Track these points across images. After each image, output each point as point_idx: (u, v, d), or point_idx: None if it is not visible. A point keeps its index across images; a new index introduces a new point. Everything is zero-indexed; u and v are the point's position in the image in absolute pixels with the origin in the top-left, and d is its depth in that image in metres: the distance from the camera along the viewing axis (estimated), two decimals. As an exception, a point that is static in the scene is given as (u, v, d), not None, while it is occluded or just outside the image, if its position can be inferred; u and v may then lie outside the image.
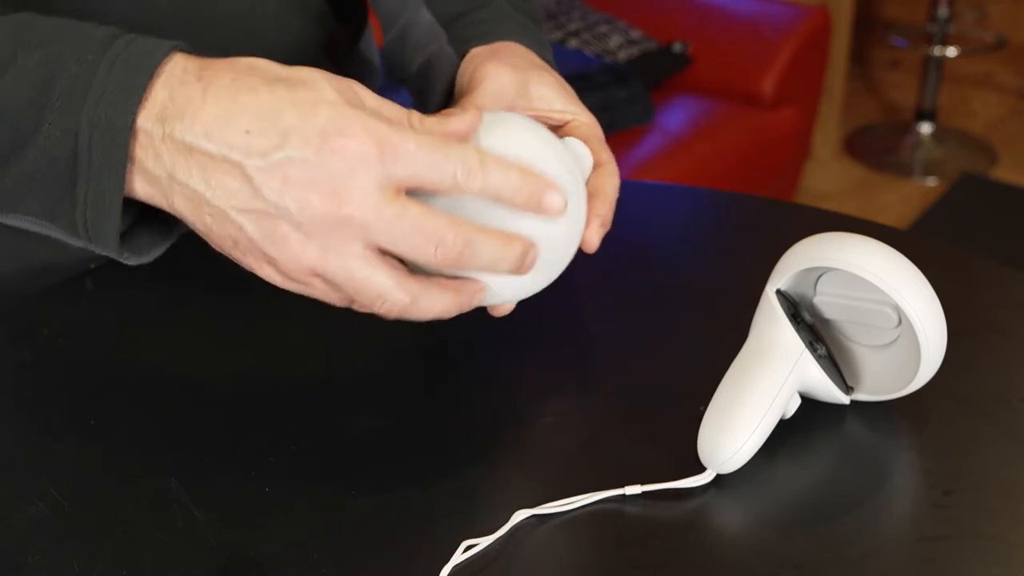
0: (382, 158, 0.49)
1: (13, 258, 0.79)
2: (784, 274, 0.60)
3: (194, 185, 0.51)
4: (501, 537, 0.53)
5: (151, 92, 0.51)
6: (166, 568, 0.53)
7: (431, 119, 0.54)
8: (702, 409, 0.59)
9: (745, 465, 0.57)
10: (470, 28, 0.72)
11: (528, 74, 0.66)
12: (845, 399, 0.61)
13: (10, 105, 0.52)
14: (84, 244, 0.54)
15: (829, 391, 0.60)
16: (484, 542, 0.53)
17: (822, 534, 0.54)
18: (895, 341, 0.60)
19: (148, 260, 0.56)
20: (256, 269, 0.53)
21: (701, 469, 0.57)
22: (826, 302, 0.61)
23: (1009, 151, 2.96)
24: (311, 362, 0.67)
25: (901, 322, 0.59)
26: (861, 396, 0.62)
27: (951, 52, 2.99)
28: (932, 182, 2.85)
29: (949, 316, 0.58)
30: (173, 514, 0.55)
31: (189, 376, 0.66)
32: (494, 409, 0.63)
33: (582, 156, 0.60)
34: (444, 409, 0.63)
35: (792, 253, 0.60)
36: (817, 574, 0.52)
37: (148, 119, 0.51)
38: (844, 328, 0.62)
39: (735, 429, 0.57)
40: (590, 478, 0.57)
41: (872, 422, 0.61)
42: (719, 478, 0.57)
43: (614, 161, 0.64)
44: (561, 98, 0.65)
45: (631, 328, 0.70)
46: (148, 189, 0.52)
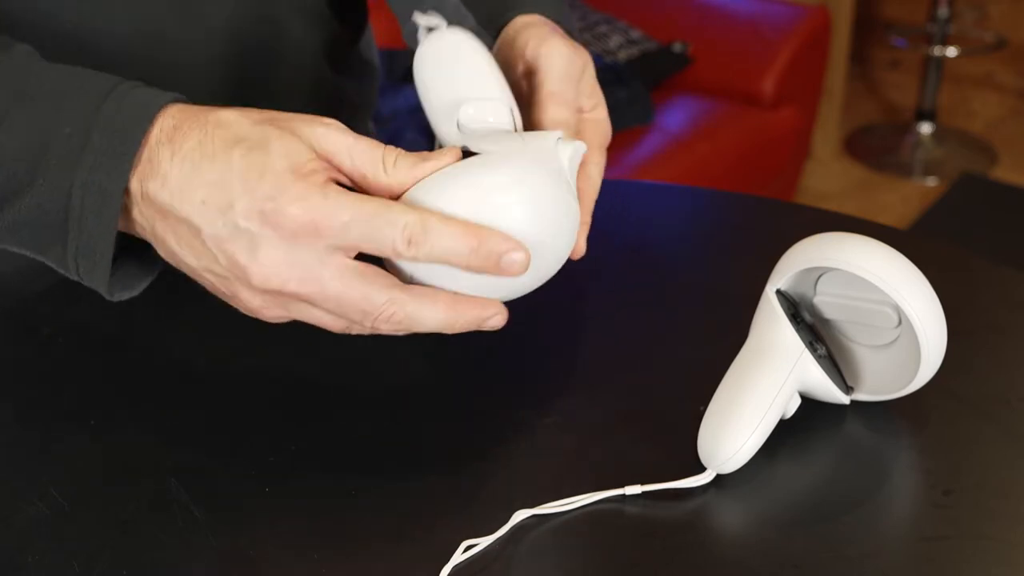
0: (318, 233, 0.51)
1: (13, 258, 0.79)
2: (784, 274, 0.60)
3: (169, 243, 0.54)
4: (501, 537, 0.53)
5: (139, 154, 0.53)
6: (166, 568, 0.53)
7: (407, 160, 0.53)
8: (702, 409, 0.59)
9: (745, 465, 0.57)
10: None
11: (585, 58, 0.65)
12: (845, 399, 0.61)
13: (4, 157, 0.53)
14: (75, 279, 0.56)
15: (829, 391, 0.60)
16: (484, 542, 0.53)
17: (822, 534, 0.54)
18: (895, 341, 0.60)
19: (136, 293, 0.58)
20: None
21: (701, 469, 0.57)
22: (826, 302, 0.61)
23: (1009, 151, 2.96)
24: (311, 362, 0.67)
25: (901, 322, 0.59)
26: (861, 396, 0.62)
27: (951, 52, 2.99)
28: (932, 182, 2.85)
29: (949, 316, 0.58)
30: (173, 514, 0.55)
31: (189, 376, 0.66)
32: (494, 409, 0.63)
33: (575, 154, 0.57)
34: (444, 409, 0.63)
35: (792, 253, 0.60)
36: (817, 574, 0.52)
37: (135, 180, 0.53)
38: (844, 328, 0.62)
39: (735, 429, 0.57)
40: (590, 478, 0.57)
41: (872, 422, 0.61)
42: (719, 478, 0.57)
43: (600, 163, 0.63)
44: (596, 90, 0.65)
45: (631, 328, 0.70)
46: (136, 231, 0.55)
